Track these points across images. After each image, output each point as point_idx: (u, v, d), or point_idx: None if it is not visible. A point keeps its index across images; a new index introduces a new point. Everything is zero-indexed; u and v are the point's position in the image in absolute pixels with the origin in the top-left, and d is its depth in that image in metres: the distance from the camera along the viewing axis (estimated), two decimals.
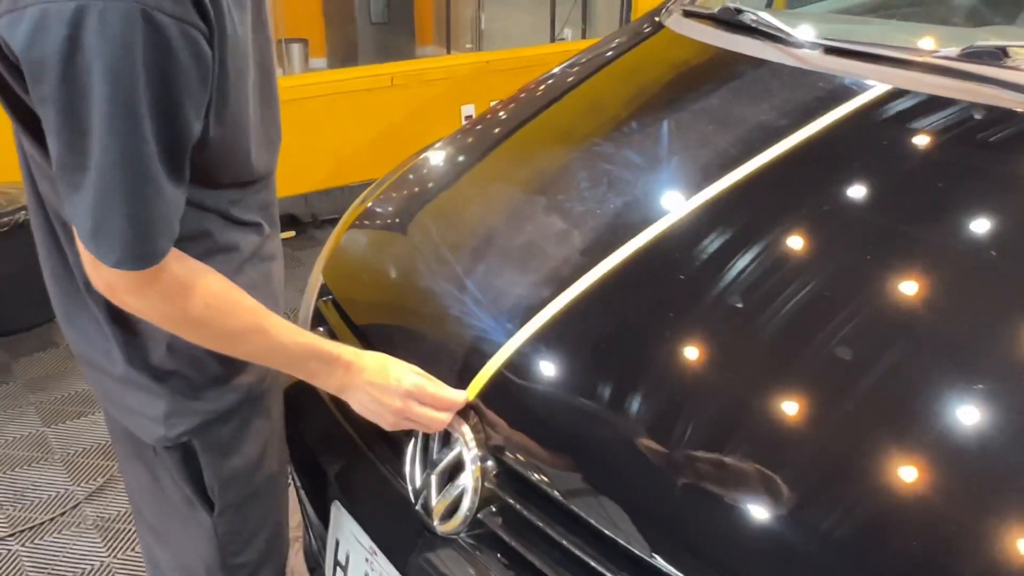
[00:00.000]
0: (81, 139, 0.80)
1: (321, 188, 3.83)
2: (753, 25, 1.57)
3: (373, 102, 3.80)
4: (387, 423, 1.06)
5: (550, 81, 1.80)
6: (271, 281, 1.10)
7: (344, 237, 1.50)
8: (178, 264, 0.91)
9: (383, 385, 1.04)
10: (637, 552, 0.86)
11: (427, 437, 1.08)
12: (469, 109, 4.14)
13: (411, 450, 1.09)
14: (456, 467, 1.03)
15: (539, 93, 1.77)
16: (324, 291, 1.44)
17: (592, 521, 0.91)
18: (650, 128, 1.44)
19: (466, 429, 1.03)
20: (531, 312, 1.09)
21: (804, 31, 1.49)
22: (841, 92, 1.33)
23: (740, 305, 1.03)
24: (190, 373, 1.04)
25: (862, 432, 0.86)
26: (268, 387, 1.15)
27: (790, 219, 1.15)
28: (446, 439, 1.06)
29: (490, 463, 1.02)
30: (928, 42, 1.43)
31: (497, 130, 1.70)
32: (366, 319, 1.34)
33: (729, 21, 1.63)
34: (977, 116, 1.21)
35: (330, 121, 3.72)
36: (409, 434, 1.11)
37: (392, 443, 1.15)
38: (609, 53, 1.81)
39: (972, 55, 1.27)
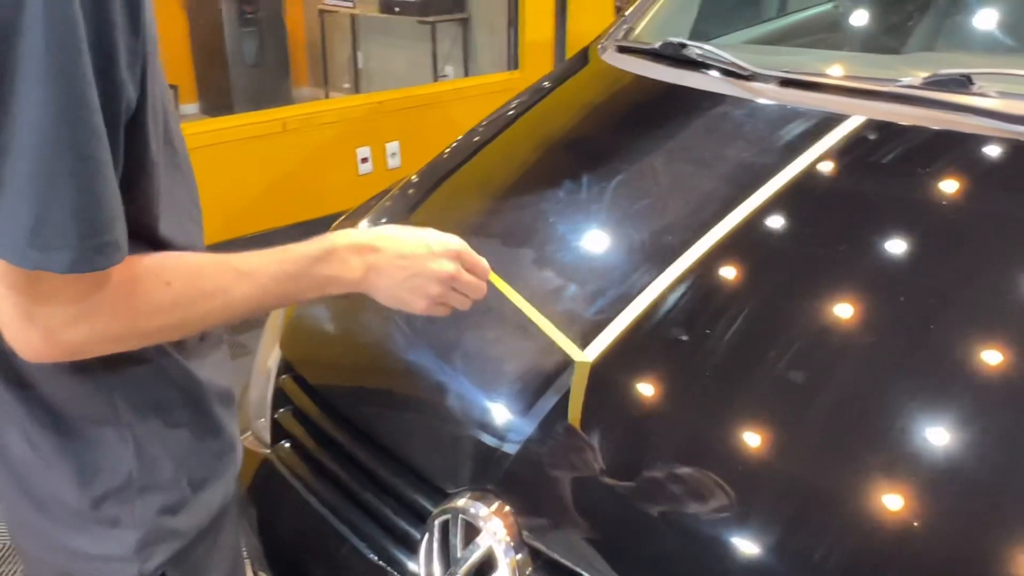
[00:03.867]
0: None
1: (216, 242, 3.61)
2: (700, 59, 1.55)
3: (265, 149, 3.62)
4: (426, 300, 0.89)
5: (491, 125, 1.72)
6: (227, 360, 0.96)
7: (299, 309, 1.36)
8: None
9: (423, 255, 0.88)
10: None
11: (444, 531, 0.96)
12: (365, 151, 4.02)
13: (425, 546, 0.97)
14: (486, 564, 0.92)
15: (482, 138, 1.69)
16: (283, 368, 1.30)
17: None
18: (622, 177, 1.37)
19: (494, 520, 0.92)
20: (543, 389, 1.00)
21: (758, 63, 1.47)
22: (808, 125, 1.32)
23: (760, 372, 0.97)
24: (163, 490, 0.88)
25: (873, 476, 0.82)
26: (234, 493, 1.01)
27: (784, 265, 1.12)
28: (469, 533, 0.95)
29: (522, 555, 0.92)
30: (883, 71, 1.44)
31: (443, 181, 1.60)
32: (343, 394, 1.21)
33: (674, 56, 1.61)
34: (959, 143, 1.20)
35: (220, 171, 3.52)
36: (419, 527, 0.99)
37: (399, 542, 1.03)
38: (550, 94, 1.75)
39: (937, 83, 1.27)
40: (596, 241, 1.27)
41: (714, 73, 1.51)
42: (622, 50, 1.74)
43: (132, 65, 0.69)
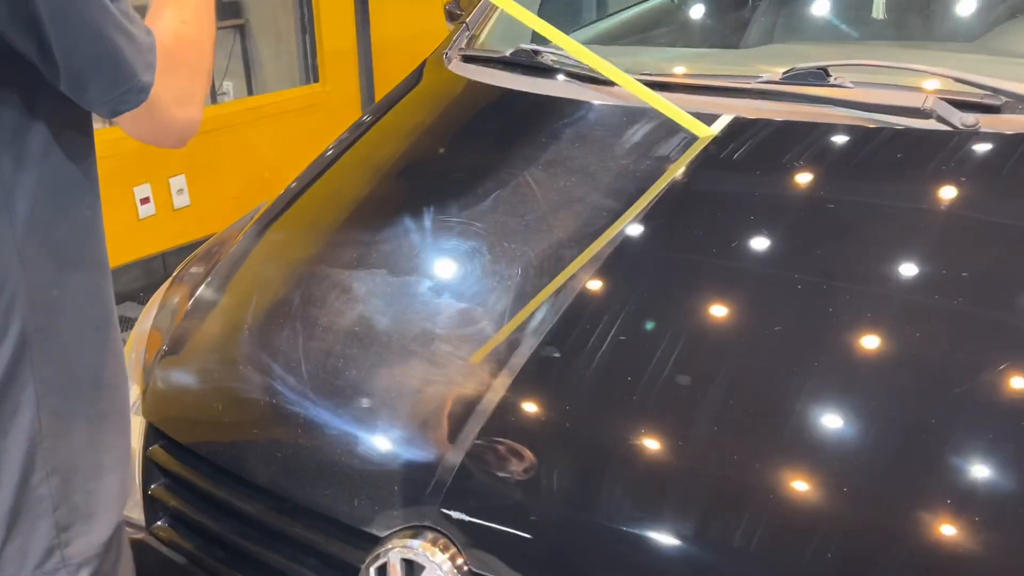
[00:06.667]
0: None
1: None
2: (556, 66, 1.53)
3: None
4: None
5: (338, 147, 1.61)
6: None
7: (159, 374, 1.20)
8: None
9: None
10: None
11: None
12: (144, 190, 3.50)
13: None
14: None
15: (331, 162, 1.57)
16: (150, 438, 1.14)
17: None
18: (502, 190, 1.32)
19: (438, 555, 0.86)
20: (467, 412, 0.95)
21: (617, 66, 1.46)
22: (678, 126, 1.32)
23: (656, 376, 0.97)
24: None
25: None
26: None
27: (680, 266, 1.12)
28: (409, 570, 0.88)
29: None
30: (737, 67, 1.48)
31: (301, 211, 1.48)
32: (232, 453, 1.09)
33: (526, 63, 1.57)
34: (822, 133, 1.25)
35: None
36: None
37: None
38: (394, 110, 1.66)
39: (796, 77, 1.32)
40: (482, 267, 1.21)
41: (570, 79, 1.49)
42: (468, 59, 1.69)
43: None
